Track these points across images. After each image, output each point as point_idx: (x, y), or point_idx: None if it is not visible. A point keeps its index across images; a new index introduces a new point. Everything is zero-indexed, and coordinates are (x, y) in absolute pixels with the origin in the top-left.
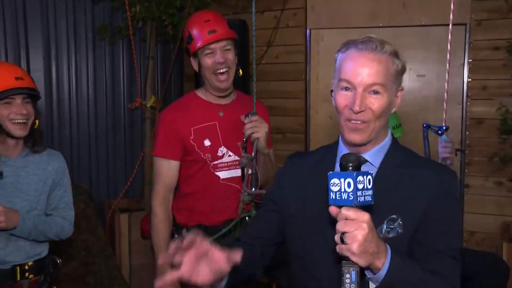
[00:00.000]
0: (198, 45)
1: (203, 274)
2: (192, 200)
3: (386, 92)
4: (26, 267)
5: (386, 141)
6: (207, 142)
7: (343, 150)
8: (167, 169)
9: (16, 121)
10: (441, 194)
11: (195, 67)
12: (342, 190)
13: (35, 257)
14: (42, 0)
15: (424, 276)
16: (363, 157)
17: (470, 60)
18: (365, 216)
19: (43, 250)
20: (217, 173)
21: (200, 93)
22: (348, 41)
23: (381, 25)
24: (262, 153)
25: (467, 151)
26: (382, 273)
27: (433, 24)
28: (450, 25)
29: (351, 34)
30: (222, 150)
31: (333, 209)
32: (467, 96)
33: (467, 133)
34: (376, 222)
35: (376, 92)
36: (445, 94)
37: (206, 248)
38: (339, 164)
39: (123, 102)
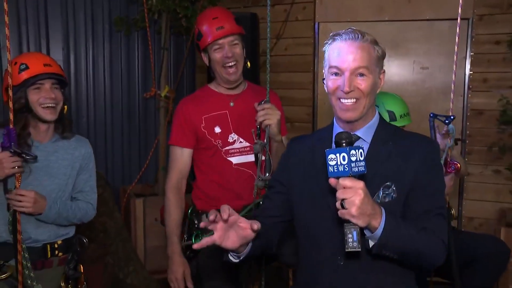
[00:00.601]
0: (208, 40)
1: (232, 240)
2: (208, 186)
3: (370, 74)
4: (56, 246)
5: (375, 120)
6: (217, 129)
7: (337, 130)
8: (180, 156)
9: (46, 105)
10: (426, 162)
11: (206, 61)
12: (339, 163)
13: (63, 236)
14: None
15: (416, 233)
16: (355, 135)
17: (472, 54)
18: (360, 183)
19: (70, 231)
20: (229, 159)
21: (212, 85)
22: (334, 34)
23: (387, 19)
24: (275, 140)
25: (467, 141)
26: (379, 231)
27: (437, 19)
28: (459, 19)
29: (358, 27)
30: (233, 136)
31: (332, 181)
32: (469, 88)
33: (468, 123)
34: (371, 189)
35: (361, 74)
36: (452, 86)
37: (235, 219)
38: (334, 142)
39: (138, 91)
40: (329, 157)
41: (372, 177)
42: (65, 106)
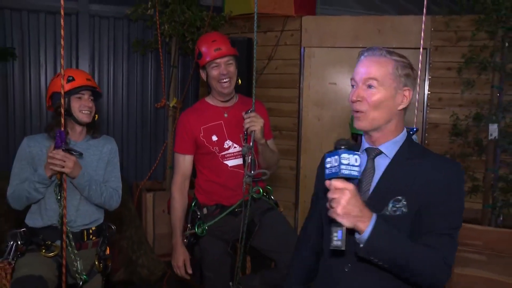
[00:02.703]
0: (207, 60)
1: None
2: (208, 185)
3: (381, 87)
4: (90, 231)
5: (401, 137)
6: (214, 137)
7: (364, 144)
8: (182, 162)
9: (84, 111)
10: (445, 181)
11: (204, 77)
12: (332, 165)
13: (95, 222)
14: (90, 20)
15: (411, 246)
16: (376, 148)
17: (429, 77)
18: (349, 185)
19: (100, 217)
20: (225, 162)
21: (209, 99)
22: (361, 51)
23: (361, 46)
24: (259, 143)
25: None
26: (365, 235)
27: (402, 47)
28: (421, 48)
29: (336, 52)
30: (228, 143)
31: (327, 182)
32: (427, 105)
33: (426, 134)
34: (384, 202)
35: (370, 86)
36: (416, 103)
37: None
38: (334, 147)
39: (150, 102)
40: (327, 160)
41: (386, 191)
42: (96, 115)
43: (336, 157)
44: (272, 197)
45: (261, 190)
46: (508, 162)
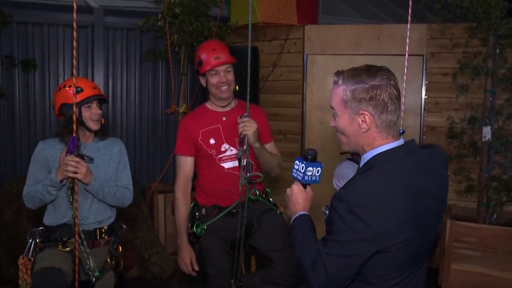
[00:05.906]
0: (207, 68)
1: None
2: (207, 187)
3: (338, 115)
4: (103, 230)
5: (368, 154)
6: (212, 141)
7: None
8: (184, 163)
9: (94, 119)
10: None
11: (203, 83)
12: (299, 170)
13: (107, 221)
14: (105, 31)
15: (309, 242)
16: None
17: (426, 82)
18: (300, 187)
19: (111, 215)
20: (222, 164)
21: (208, 104)
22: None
23: (361, 53)
24: (254, 147)
25: None
26: (293, 217)
27: (400, 54)
28: (406, 55)
29: (338, 59)
30: (225, 146)
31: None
32: (424, 109)
33: (424, 137)
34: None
35: (333, 115)
36: (403, 106)
37: None
38: (303, 155)
39: (161, 108)
40: (295, 162)
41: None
42: (103, 119)
43: (303, 165)
44: (271, 199)
45: (257, 192)
46: (501, 162)
